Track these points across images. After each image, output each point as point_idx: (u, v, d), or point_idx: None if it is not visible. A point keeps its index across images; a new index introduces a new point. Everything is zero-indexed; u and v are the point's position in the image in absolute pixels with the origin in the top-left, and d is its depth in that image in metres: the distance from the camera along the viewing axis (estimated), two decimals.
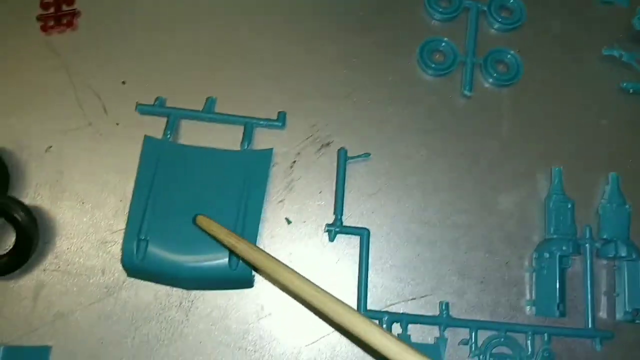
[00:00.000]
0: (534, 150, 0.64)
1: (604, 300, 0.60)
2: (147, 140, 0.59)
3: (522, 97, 0.66)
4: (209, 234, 0.52)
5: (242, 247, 0.47)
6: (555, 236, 0.60)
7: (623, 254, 0.59)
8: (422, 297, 0.59)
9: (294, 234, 0.60)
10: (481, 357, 0.56)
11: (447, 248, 0.61)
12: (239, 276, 0.55)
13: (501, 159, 0.64)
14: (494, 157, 0.64)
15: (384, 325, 0.56)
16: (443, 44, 0.67)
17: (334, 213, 0.59)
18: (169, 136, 0.60)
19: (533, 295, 0.59)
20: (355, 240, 0.60)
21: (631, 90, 0.67)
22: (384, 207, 0.61)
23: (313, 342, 0.57)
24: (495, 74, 0.66)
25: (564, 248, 0.58)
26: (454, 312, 0.58)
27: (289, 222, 0.60)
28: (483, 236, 0.61)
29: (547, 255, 0.59)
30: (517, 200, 0.63)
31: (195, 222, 0.53)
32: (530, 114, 0.66)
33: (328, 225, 0.59)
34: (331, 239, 0.59)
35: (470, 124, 0.65)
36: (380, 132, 0.64)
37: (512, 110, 0.66)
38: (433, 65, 0.65)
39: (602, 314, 0.60)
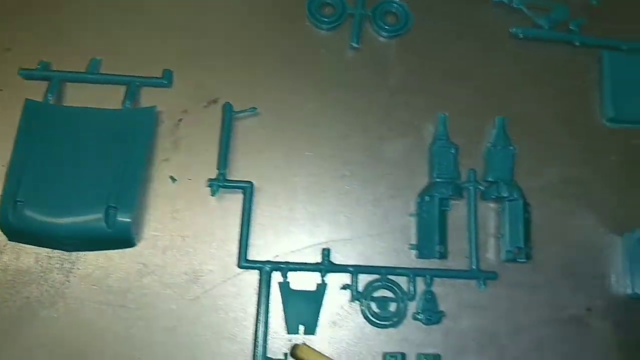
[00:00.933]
0: (423, 100, 0.65)
1: (492, 242, 0.61)
2: (27, 103, 0.59)
3: (412, 48, 0.67)
4: None
5: None
6: (438, 180, 0.60)
7: (505, 195, 0.59)
8: (308, 247, 0.60)
9: (179, 191, 0.60)
10: (362, 300, 0.57)
11: (334, 199, 0.61)
12: (117, 235, 0.55)
13: (389, 109, 0.64)
14: (382, 108, 0.64)
15: (266, 275, 0.57)
16: None
17: (217, 168, 0.60)
18: (50, 99, 0.60)
19: (416, 239, 0.60)
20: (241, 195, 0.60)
21: (521, 36, 0.67)
22: (271, 161, 0.62)
23: (196, 297, 0.57)
24: (384, 25, 0.66)
25: (443, 191, 0.59)
26: (340, 260, 0.59)
27: (173, 180, 0.60)
28: (370, 185, 0.62)
29: (427, 198, 0.59)
30: (403, 149, 0.63)
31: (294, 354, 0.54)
32: (420, 64, 0.66)
33: (210, 180, 0.59)
34: (213, 194, 0.59)
35: (359, 76, 0.65)
36: (268, 87, 0.64)
37: (402, 60, 0.66)
38: (321, 19, 0.65)
39: (490, 255, 0.61)
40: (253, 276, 0.58)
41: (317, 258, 0.59)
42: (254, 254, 0.59)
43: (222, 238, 0.59)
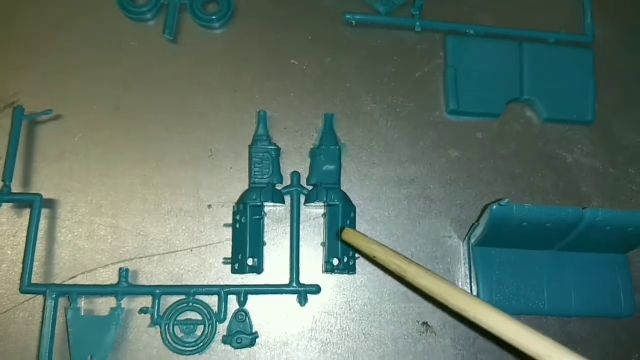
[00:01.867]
0: (246, 96, 0.58)
1: (317, 252, 0.55)
2: None
3: (235, 39, 0.60)
4: (360, 252, 0.49)
5: (413, 271, 0.42)
6: (253, 186, 0.54)
7: (323, 199, 0.53)
8: (110, 265, 0.53)
9: None
10: (164, 325, 0.51)
11: (141, 210, 0.55)
12: None
13: (213, 106, 0.58)
14: (201, 107, 0.58)
15: (50, 301, 0.50)
16: None
17: (2, 179, 0.53)
18: None
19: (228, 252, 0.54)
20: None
21: (354, 23, 0.61)
22: (73, 170, 0.55)
23: None
24: (203, 15, 0.59)
25: (254, 197, 0.53)
26: (147, 280, 0.53)
27: None
28: (183, 194, 0.55)
29: (241, 207, 0.53)
30: (230, 150, 0.57)
31: (340, 238, 0.50)
32: (243, 56, 0.60)
33: None
34: None
35: (177, 72, 0.59)
36: (70, 88, 0.57)
37: (224, 53, 0.60)
38: (133, 9, 0.59)
39: (314, 267, 0.55)
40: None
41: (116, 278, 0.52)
42: (46, 277, 0.52)
43: (12, 259, 0.53)
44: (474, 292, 0.54)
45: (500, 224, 0.50)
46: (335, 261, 0.53)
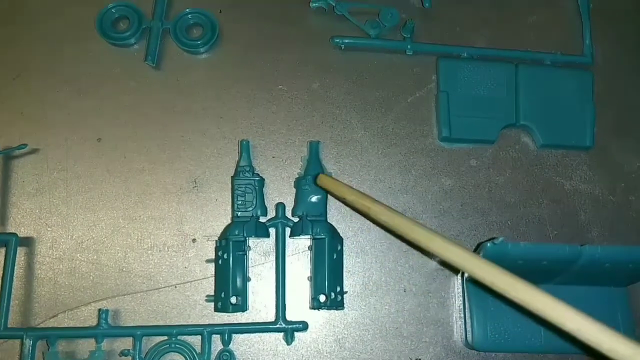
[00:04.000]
0: (232, 123, 0.57)
1: (305, 287, 0.53)
2: None
3: (220, 64, 0.58)
4: (332, 194, 0.51)
5: (377, 209, 0.45)
6: (236, 220, 0.52)
7: (308, 233, 0.52)
8: (90, 304, 0.52)
9: None
10: None
11: (123, 245, 0.53)
12: None
13: (197, 134, 0.56)
14: (187, 134, 0.56)
15: (28, 346, 0.48)
16: (126, 9, 0.58)
17: None
18: None
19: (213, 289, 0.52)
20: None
21: (343, 47, 0.59)
22: (53, 206, 0.54)
23: None
24: (186, 40, 0.57)
25: (236, 232, 0.51)
26: (129, 320, 0.51)
27: None
28: (167, 227, 0.54)
29: (224, 242, 0.52)
30: (215, 180, 0.55)
31: (316, 182, 0.52)
32: (229, 82, 0.58)
33: None
34: None
35: (159, 99, 0.57)
36: (48, 118, 0.56)
37: (209, 79, 0.58)
38: (114, 35, 0.57)
39: (301, 302, 0.53)
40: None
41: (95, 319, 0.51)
42: (25, 317, 0.51)
43: None
44: (468, 328, 0.52)
45: (495, 262, 0.47)
46: (323, 298, 0.51)
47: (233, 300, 0.50)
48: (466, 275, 0.52)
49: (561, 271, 0.50)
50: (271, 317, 0.52)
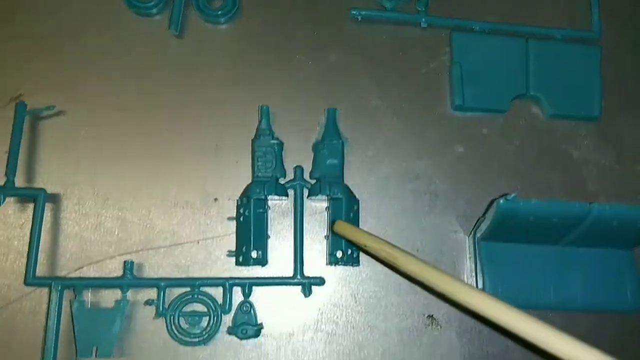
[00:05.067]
0: (251, 92, 0.58)
1: (321, 245, 0.55)
2: None
3: (241, 34, 0.60)
4: (352, 242, 0.50)
5: (404, 259, 0.42)
6: (257, 179, 0.54)
7: (327, 193, 0.54)
8: (115, 258, 0.54)
9: None
10: (169, 317, 0.51)
11: (148, 203, 0.55)
12: None
13: (218, 100, 0.58)
14: (208, 102, 0.58)
15: (55, 293, 0.50)
16: None
17: (5, 174, 0.53)
18: None
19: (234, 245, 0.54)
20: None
21: (360, 19, 0.61)
22: (79, 165, 0.56)
23: None
24: (209, 10, 0.59)
25: (257, 190, 0.53)
26: (152, 272, 0.53)
27: None
28: (189, 188, 0.56)
29: (244, 200, 0.53)
30: (236, 144, 0.57)
31: (332, 229, 0.51)
32: (248, 51, 0.60)
33: None
34: None
35: (183, 67, 0.59)
36: (75, 83, 0.58)
37: (229, 48, 0.60)
38: (138, 4, 0.59)
39: (319, 259, 0.55)
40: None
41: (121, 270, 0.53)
42: (52, 269, 0.53)
43: (19, 250, 0.53)
44: (480, 286, 0.54)
45: (507, 218, 0.50)
46: (339, 253, 0.53)
47: (254, 254, 0.52)
48: (478, 235, 0.54)
49: (570, 230, 0.52)
50: (289, 272, 0.54)
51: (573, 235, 0.52)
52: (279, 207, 0.56)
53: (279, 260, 0.54)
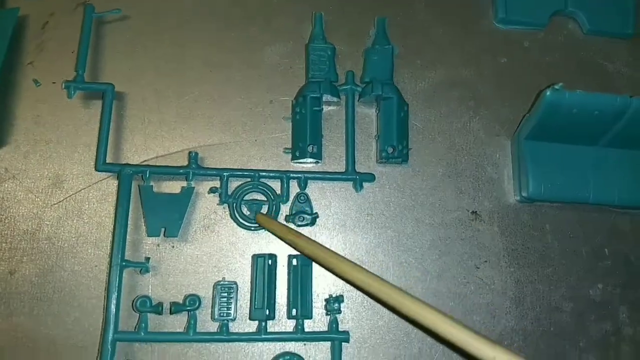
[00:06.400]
0: (303, 2, 0.62)
1: (371, 145, 0.59)
2: None
3: None
4: (269, 231, 0.53)
5: (301, 242, 0.49)
6: (312, 80, 0.57)
7: (378, 93, 0.57)
8: (179, 152, 0.57)
9: (43, 95, 0.57)
10: (232, 203, 0.55)
11: (207, 102, 0.58)
12: None
13: (268, 11, 0.61)
14: (260, 11, 0.61)
15: (127, 178, 0.53)
16: None
17: (75, 69, 0.56)
18: None
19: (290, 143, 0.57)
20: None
21: None
22: (142, 65, 0.59)
23: (59, 202, 0.55)
24: None
25: (315, 89, 0.56)
26: (212, 165, 0.56)
27: (37, 83, 0.57)
28: (247, 89, 0.59)
29: (301, 99, 0.57)
30: (283, 53, 0.60)
31: (256, 220, 0.54)
32: None
33: (66, 82, 0.56)
34: (69, 96, 0.56)
35: None
36: None
37: None
38: None
39: (368, 157, 0.58)
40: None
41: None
42: (120, 159, 0.56)
43: (86, 143, 0.56)
44: (523, 185, 0.57)
45: (552, 111, 0.53)
46: (390, 149, 0.56)
47: (310, 148, 0.56)
48: (522, 134, 0.57)
49: (610, 127, 0.55)
50: (342, 168, 0.57)
51: (612, 133, 0.55)
52: (329, 114, 0.59)
53: (332, 159, 0.58)
